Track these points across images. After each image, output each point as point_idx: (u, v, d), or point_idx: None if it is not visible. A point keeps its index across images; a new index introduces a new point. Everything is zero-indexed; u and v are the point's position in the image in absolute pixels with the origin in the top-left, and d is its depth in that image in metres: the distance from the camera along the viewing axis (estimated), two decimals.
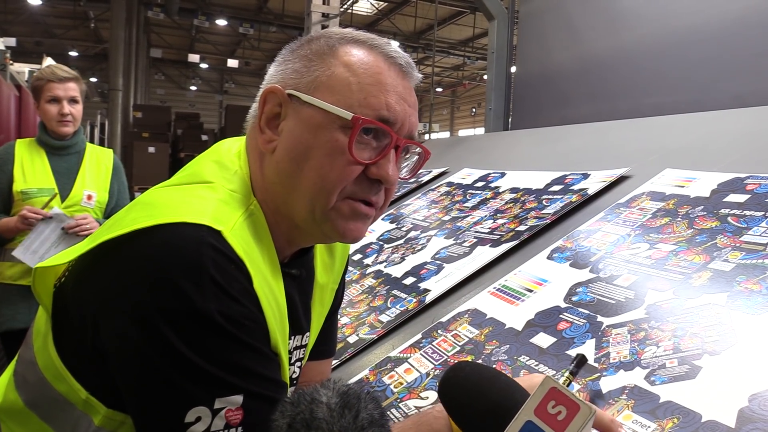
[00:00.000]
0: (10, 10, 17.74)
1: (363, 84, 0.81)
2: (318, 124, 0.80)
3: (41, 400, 0.82)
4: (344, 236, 0.85)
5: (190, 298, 0.68)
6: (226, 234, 0.73)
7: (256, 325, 0.73)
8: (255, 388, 0.72)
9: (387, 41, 0.87)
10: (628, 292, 1.15)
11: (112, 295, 0.72)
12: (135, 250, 0.72)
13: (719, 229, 1.20)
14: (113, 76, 12.88)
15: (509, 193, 1.95)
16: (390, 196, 0.88)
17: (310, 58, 0.84)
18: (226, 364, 0.70)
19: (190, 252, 0.70)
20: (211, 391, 0.69)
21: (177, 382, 0.68)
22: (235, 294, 0.71)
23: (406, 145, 0.86)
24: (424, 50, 21.38)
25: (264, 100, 0.85)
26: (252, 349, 0.72)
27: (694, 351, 0.93)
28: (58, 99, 2.47)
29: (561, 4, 3.16)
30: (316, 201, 0.81)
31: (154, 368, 0.69)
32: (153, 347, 0.68)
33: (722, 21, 2.22)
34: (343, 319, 1.60)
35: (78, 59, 22.85)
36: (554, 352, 1.08)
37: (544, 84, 3.25)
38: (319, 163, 0.80)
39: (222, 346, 0.70)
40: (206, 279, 0.69)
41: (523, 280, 1.37)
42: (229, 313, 0.70)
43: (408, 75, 0.86)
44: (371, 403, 0.61)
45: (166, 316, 0.68)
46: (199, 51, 22.96)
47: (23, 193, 2.45)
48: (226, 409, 0.69)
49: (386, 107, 0.81)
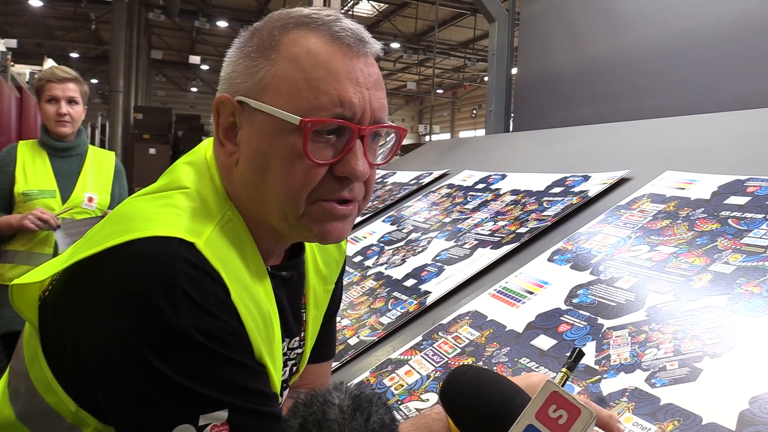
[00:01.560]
0: (11, 12, 17.77)
1: (311, 79, 0.74)
2: (271, 130, 0.75)
3: (32, 412, 0.80)
4: (324, 239, 0.81)
5: (164, 315, 0.66)
6: (200, 246, 0.71)
7: (236, 339, 0.71)
8: (239, 402, 0.70)
9: (336, 16, 0.79)
10: (629, 294, 1.15)
11: (87, 314, 0.70)
12: (108, 268, 0.70)
13: (720, 232, 1.20)
14: (114, 78, 12.90)
15: (510, 195, 1.95)
16: (370, 185, 0.83)
17: (253, 56, 0.78)
18: (207, 380, 0.68)
19: (161, 267, 0.68)
20: (194, 409, 0.67)
21: (158, 401, 0.67)
22: (211, 308, 0.69)
23: (377, 131, 0.80)
24: (424, 52, 21.39)
25: (217, 111, 0.80)
26: (233, 363, 0.70)
27: (694, 353, 0.93)
28: (57, 99, 2.48)
29: (562, 6, 3.16)
30: (286, 209, 0.77)
31: (133, 388, 0.67)
32: (130, 366, 0.67)
33: (723, 23, 2.22)
34: (343, 321, 1.60)
35: (79, 61, 22.87)
36: (555, 354, 1.08)
37: (545, 86, 3.26)
38: (280, 171, 0.75)
39: (201, 362, 0.68)
40: (179, 294, 0.67)
41: (523, 282, 1.38)
42: (206, 329, 0.68)
43: (360, 52, 0.78)
44: (382, 408, 0.61)
45: (141, 334, 0.66)
46: (200, 53, 22.96)
47: (24, 194, 2.45)
48: (211, 426, 0.67)
49: (340, 103, 0.74)
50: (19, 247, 2.45)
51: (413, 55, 22.19)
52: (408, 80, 27.41)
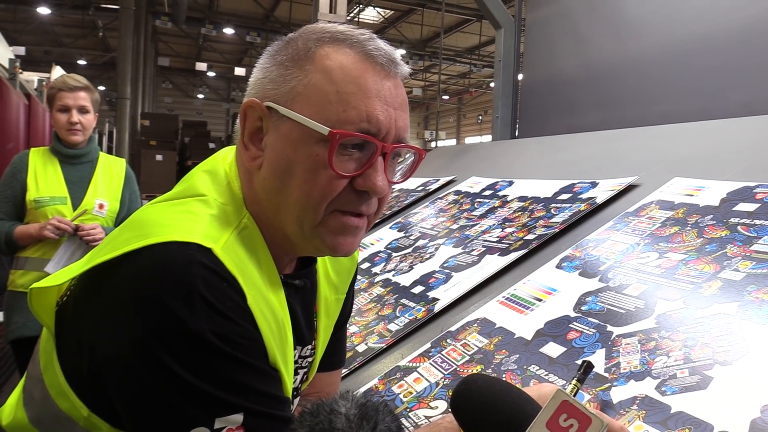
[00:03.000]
0: (20, 20, 17.90)
1: (342, 93, 0.76)
2: (297, 138, 0.77)
3: (45, 417, 0.81)
4: (335, 251, 0.83)
5: (181, 318, 0.67)
6: (216, 251, 0.72)
7: (252, 343, 0.72)
8: (255, 405, 0.71)
9: (369, 36, 0.81)
10: (638, 301, 1.14)
11: (104, 317, 0.71)
12: (125, 273, 0.71)
13: (729, 239, 1.20)
14: (121, 85, 12.96)
15: (517, 202, 1.95)
16: (384, 202, 0.85)
17: (287, 65, 0.79)
18: (223, 384, 0.69)
19: (179, 271, 0.69)
20: (210, 412, 0.68)
21: (174, 404, 0.67)
22: (227, 312, 0.70)
23: (397, 149, 0.82)
24: (430, 58, 21.43)
25: (244, 115, 0.82)
26: (249, 367, 0.71)
27: (705, 361, 0.93)
28: (68, 108, 2.50)
29: (568, 13, 3.17)
30: (304, 217, 0.79)
31: (150, 390, 0.68)
32: (148, 369, 0.67)
33: (730, 29, 2.22)
34: (351, 328, 1.60)
35: (86, 68, 23.00)
36: (564, 362, 1.08)
37: (551, 92, 3.26)
38: (303, 179, 0.77)
39: (217, 365, 0.69)
40: (197, 298, 0.68)
41: (532, 289, 1.37)
42: (223, 332, 0.69)
43: (391, 73, 0.80)
44: (389, 416, 0.61)
45: (158, 337, 0.67)
46: (207, 59, 23.09)
47: (36, 201, 2.47)
48: (227, 429, 0.68)
49: (367, 119, 0.76)
50: (30, 253, 2.47)
51: (419, 62, 22.23)
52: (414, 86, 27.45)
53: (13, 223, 2.46)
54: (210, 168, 0.87)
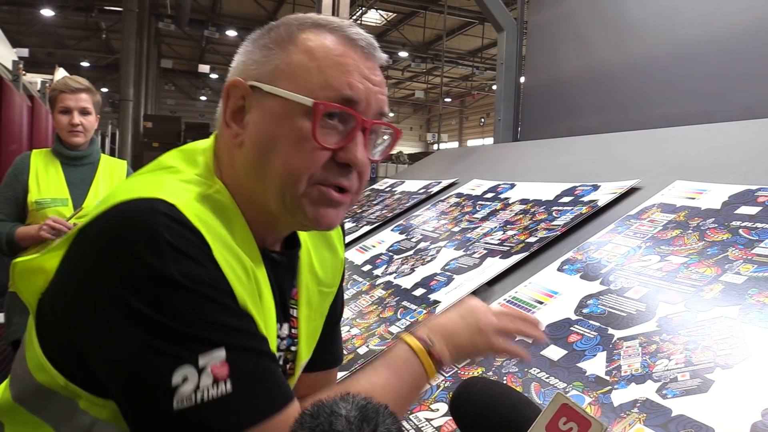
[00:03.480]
0: (23, 22, 17.95)
1: (323, 67, 0.79)
2: (281, 113, 0.79)
3: (26, 392, 0.82)
4: (318, 223, 0.84)
5: (149, 264, 0.68)
6: (179, 206, 0.74)
7: (218, 284, 0.73)
8: (234, 340, 0.71)
9: (350, 23, 0.85)
10: (639, 304, 1.14)
11: (78, 277, 0.74)
12: (94, 231, 0.74)
13: (731, 242, 1.20)
14: (124, 87, 12.99)
15: (519, 205, 1.95)
16: (364, 179, 0.87)
17: (270, 47, 0.83)
18: (199, 322, 0.70)
19: (143, 222, 0.71)
20: (192, 349, 0.69)
21: (156, 347, 0.68)
22: (193, 255, 0.71)
23: (376, 127, 0.85)
24: (432, 61, 21.46)
25: (227, 94, 0.84)
26: (221, 306, 0.72)
27: (706, 364, 0.92)
28: (69, 110, 2.50)
29: (569, 15, 3.17)
30: (286, 189, 0.80)
31: (129, 339, 0.69)
32: (123, 319, 0.69)
33: (731, 32, 2.22)
34: (352, 331, 1.60)
35: (89, 70, 23.07)
36: (565, 365, 1.08)
37: (553, 95, 3.26)
38: (285, 151, 0.79)
39: (191, 304, 0.70)
40: (163, 244, 0.69)
41: (533, 292, 1.37)
42: (191, 273, 0.70)
43: (371, 55, 0.84)
44: (389, 418, 0.61)
45: (129, 286, 0.69)
46: (210, 62, 23.10)
47: (37, 203, 2.47)
48: (212, 365, 0.69)
49: (348, 86, 0.79)
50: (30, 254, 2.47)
51: (421, 64, 22.25)
52: (416, 89, 27.48)
53: (14, 224, 2.46)
54: (182, 149, 0.90)
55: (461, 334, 0.89)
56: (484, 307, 0.93)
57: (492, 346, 0.90)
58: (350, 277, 2.02)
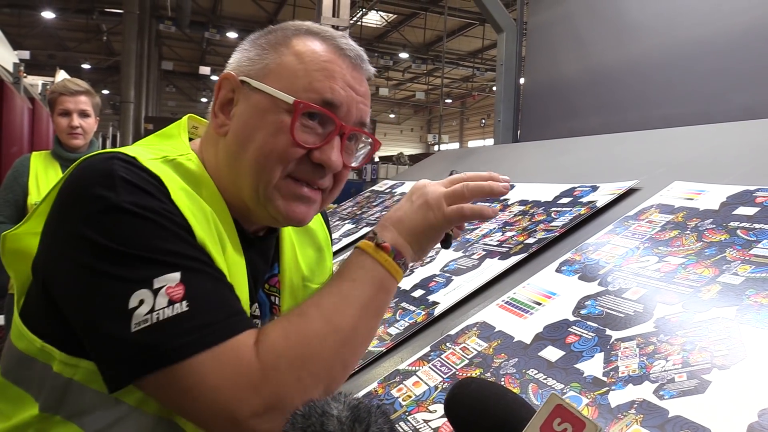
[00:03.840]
0: (24, 24, 17.98)
1: (309, 70, 0.83)
2: (265, 108, 0.83)
3: (10, 364, 0.84)
4: (288, 217, 0.87)
5: (104, 197, 0.72)
6: (140, 159, 0.78)
7: (174, 217, 0.75)
8: (188, 264, 0.73)
9: (342, 34, 0.89)
10: (637, 305, 1.14)
11: (48, 227, 0.78)
12: (62, 184, 0.78)
13: (728, 242, 1.20)
14: (125, 89, 13.02)
15: (518, 206, 1.95)
16: (341, 181, 0.90)
17: (264, 47, 0.87)
18: (153, 247, 0.72)
19: (101, 165, 0.75)
20: (147, 273, 0.71)
21: (111, 274, 0.70)
22: (148, 189, 0.75)
23: (356, 134, 0.88)
24: (433, 62, 21.46)
25: (219, 86, 0.89)
26: (175, 235, 0.74)
27: (703, 365, 0.92)
28: (69, 112, 2.51)
29: (569, 16, 3.17)
30: (260, 178, 0.83)
31: (86, 271, 0.71)
32: (81, 252, 0.72)
33: (731, 32, 2.22)
34: None
35: (90, 72, 23.10)
36: (563, 366, 1.08)
37: (553, 95, 3.26)
38: (263, 141, 0.83)
39: (145, 231, 0.72)
40: (118, 180, 0.73)
41: (531, 293, 1.37)
42: (145, 204, 0.73)
43: (358, 66, 0.88)
44: (381, 417, 0.61)
45: (85, 220, 0.72)
46: (210, 63, 23.11)
47: (37, 205, 2.48)
48: (166, 287, 0.70)
49: (330, 90, 0.83)
50: None
51: (422, 65, 22.28)
52: (417, 90, 27.50)
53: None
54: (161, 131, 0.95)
55: (411, 216, 0.88)
56: (432, 183, 0.91)
57: (446, 215, 0.88)
58: None
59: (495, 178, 0.91)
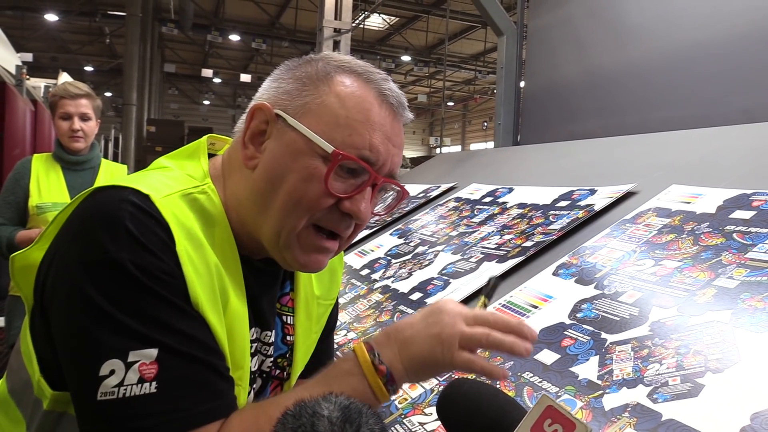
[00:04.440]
0: (27, 26, 18.03)
1: (350, 119, 0.80)
2: (299, 149, 0.80)
3: (18, 384, 0.84)
4: (303, 267, 0.86)
5: (105, 247, 0.70)
6: (154, 198, 0.75)
7: (171, 279, 0.73)
8: (170, 341, 0.71)
9: (384, 77, 0.86)
10: (633, 308, 1.15)
11: (50, 255, 0.77)
12: (70, 216, 0.77)
13: (724, 246, 1.20)
14: (127, 91, 13.03)
15: (517, 209, 1.96)
16: (359, 230, 0.88)
17: (304, 81, 0.83)
18: (139, 315, 0.70)
19: (109, 206, 0.73)
20: (125, 344, 0.69)
21: (92, 333, 0.69)
22: (150, 246, 0.72)
23: (385, 184, 0.85)
24: (435, 65, 21.47)
25: (251, 115, 0.85)
26: (167, 303, 0.72)
27: (697, 369, 0.93)
28: (70, 115, 2.52)
29: (569, 20, 3.17)
30: (284, 223, 0.81)
31: (73, 319, 0.71)
32: (70, 296, 0.71)
33: (730, 36, 2.23)
34: (349, 335, 1.61)
35: (93, 74, 23.15)
36: (558, 369, 1.08)
37: (553, 98, 3.26)
38: (294, 186, 0.80)
39: (135, 296, 0.70)
40: (121, 230, 0.71)
41: (528, 296, 1.38)
42: (142, 264, 0.71)
43: (398, 115, 0.85)
44: (372, 418, 0.61)
45: (84, 266, 0.71)
46: (213, 66, 23.19)
47: (38, 207, 2.49)
48: (140, 363, 0.69)
49: (369, 147, 0.80)
50: None
51: (424, 68, 22.28)
52: (419, 93, 27.49)
53: (15, 228, 2.48)
54: (177, 150, 0.92)
55: (419, 343, 0.79)
56: (455, 310, 0.80)
57: (454, 361, 0.77)
58: (348, 281, 2.03)
59: (522, 333, 0.81)
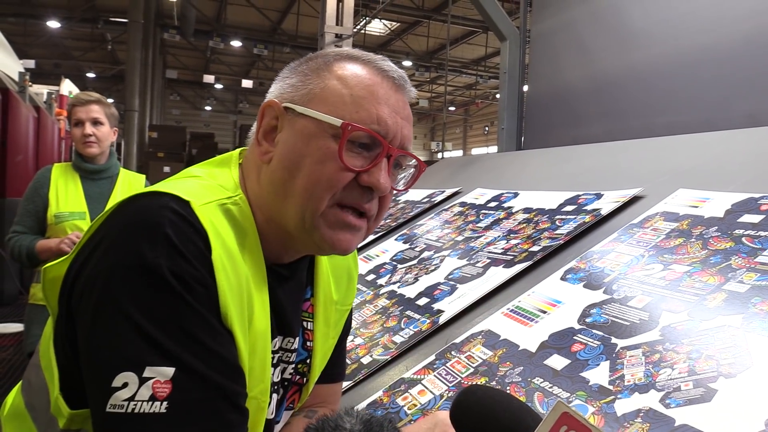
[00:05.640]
0: (30, 33, 18.09)
1: (355, 96, 0.83)
2: (311, 133, 0.82)
3: (38, 401, 0.83)
4: (334, 246, 0.85)
5: (142, 253, 0.70)
6: (193, 205, 0.75)
7: (204, 290, 0.72)
8: (190, 360, 0.70)
9: (382, 58, 0.89)
10: (643, 313, 1.14)
11: (81, 259, 0.75)
12: (108, 220, 0.76)
13: (734, 250, 1.20)
14: (129, 97, 13.07)
15: (522, 214, 1.95)
16: (385, 206, 0.89)
17: (306, 73, 0.87)
18: (165, 325, 0.69)
19: (150, 212, 0.73)
20: (143, 358, 0.68)
21: (113, 341, 0.68)
22: (187, 255, 0.71)
23: (400, 158, 0.87)
24: (436, 69, 21.51)
25: (262, 114, 0.87)
26: (196, 313, 0.71)
27: (709, 373, 0.92)
28: (81, 121, 2.55)
29: (572, 24, 3.18)
30: (307, 206, 0.82)
31: (99, 323, 0.70)
32: (104, 302, 0.70)
33: (734, 40, 2.23)
34: (356, 340, 1.61)
35: (95, 81, 23.22)
36: (568, 374, 1.08)
37: (556, 103, 3.26)
38: (311, 169, 0.81)
39: (165, 304, 0.70)
40: (160, 236, 0.71)
41: (536, 301, 1.37)
42: (178, 272, 0.70)
43: (401, 88, 0.88)
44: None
45: (119, 271, 0.70)
46: (214, 72, 23.26)
47: (56, 216, 2.51)
48: (155, 380, 0.68)
49: (377, 120, 0.82)
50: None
51: (425, 73, 22.31)
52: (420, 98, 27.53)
53: (34, 237, 2.49)
54: (207, 161, 0.93)
55: None
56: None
57: None
58: None
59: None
